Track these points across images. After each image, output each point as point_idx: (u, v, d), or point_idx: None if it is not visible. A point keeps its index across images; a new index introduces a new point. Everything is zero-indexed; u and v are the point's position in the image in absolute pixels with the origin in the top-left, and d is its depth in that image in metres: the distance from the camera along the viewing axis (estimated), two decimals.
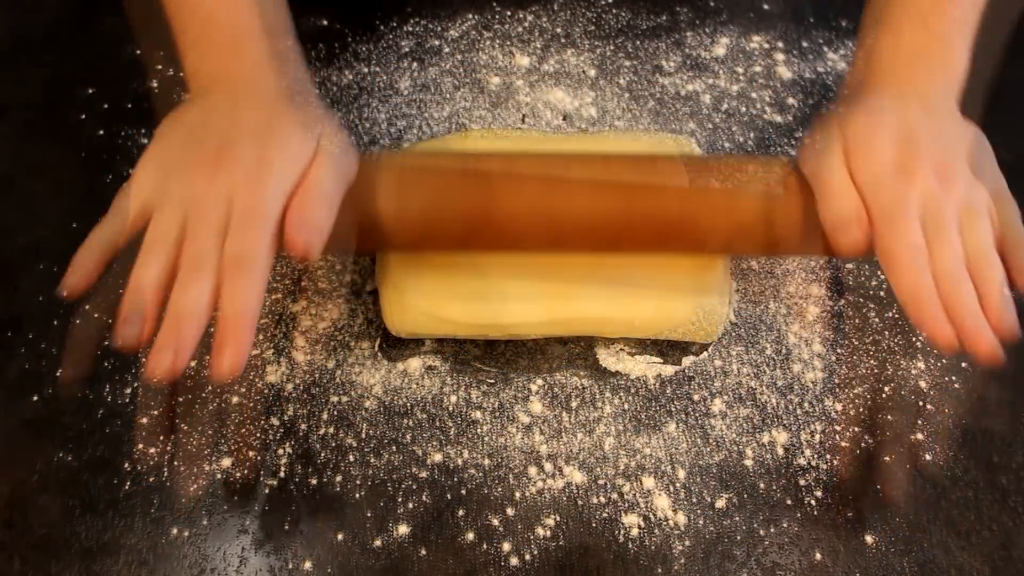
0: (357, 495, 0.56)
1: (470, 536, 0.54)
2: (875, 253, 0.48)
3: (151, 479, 0.56)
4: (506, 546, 0.54)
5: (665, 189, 0.53)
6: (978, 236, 0.47)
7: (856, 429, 0.59)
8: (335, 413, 0.59)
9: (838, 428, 0.59)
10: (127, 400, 0.59)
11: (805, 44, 0.77)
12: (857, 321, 0.63)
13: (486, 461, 0.57)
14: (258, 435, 0.58)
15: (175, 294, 0.43)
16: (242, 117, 0.47)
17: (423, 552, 0.54)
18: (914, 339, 0.62)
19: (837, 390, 0.60)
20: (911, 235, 0.46)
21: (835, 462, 0.57)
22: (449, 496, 0.56)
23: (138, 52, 0.76)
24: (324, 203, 0.47)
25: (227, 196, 0.45)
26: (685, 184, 0.53)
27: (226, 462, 0.57)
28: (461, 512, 0.55)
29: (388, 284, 0.58)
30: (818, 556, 0.54)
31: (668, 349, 0.62)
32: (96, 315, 0.48)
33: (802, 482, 0.57)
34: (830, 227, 0.49)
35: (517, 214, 0.53)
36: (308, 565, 0.53)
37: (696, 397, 0.60)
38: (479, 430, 0.58)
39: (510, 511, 0.55)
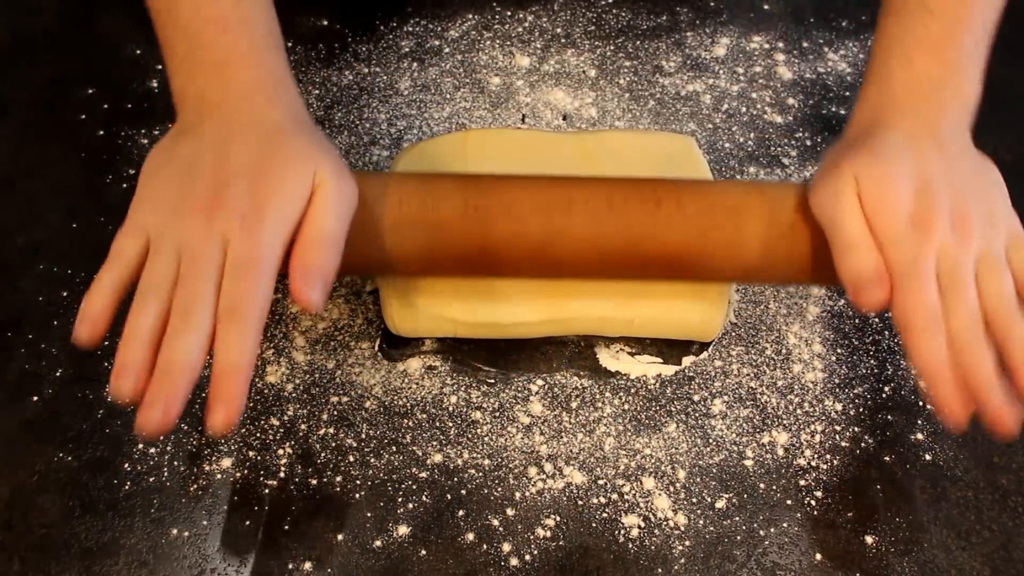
0: (357, 495, 0.56)
1: (470, 537, 0.54)
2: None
3: (151, 479, 0.56)
4: (506, 547, 0.54)
5: (668, 227, 0.53)
6: (998, 289, 0.45)
7: (856, 429, 0.59)
8: (335, 413, 0.59)
9: (838, 428, 0.59)
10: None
11: (805, 44, 0.77)
12: (857, 321, 0.63)
13: (486, 462, 0.57)
14: (258, 435, 0.58)
15: (165, 345, 0.41)
16: (233, 153, 0.45)
17: (423, 552, 0.54)
18: None
19: (837, 390, 0.60)
20: (926, 295, 0.44)
21: (835, 462, 0.57)
22: (449, 497, 0.56)
23: (138, 52, 0.76)
24: (327, 247, 0.45)
25: (222, 241, 0.43)
26: (689, 222, 0.53)
27: (226, 462, 0.57)
28: (461, 513, 0.55)
29: (388, 283, 0.58)
30: (818, 556, 0.54)
31: (668, 349, 0.62)
32: None
33: (802, 482, 0.57)
34: (852, 286, 0.47)
35: (517, 254, 0.53)
36: (308, 565, 0.53)
37: (696, 397, 0.60)
38: (479, 430, 0.58)
39: (510, 512, 0.55)
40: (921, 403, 0.60)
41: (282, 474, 0.56)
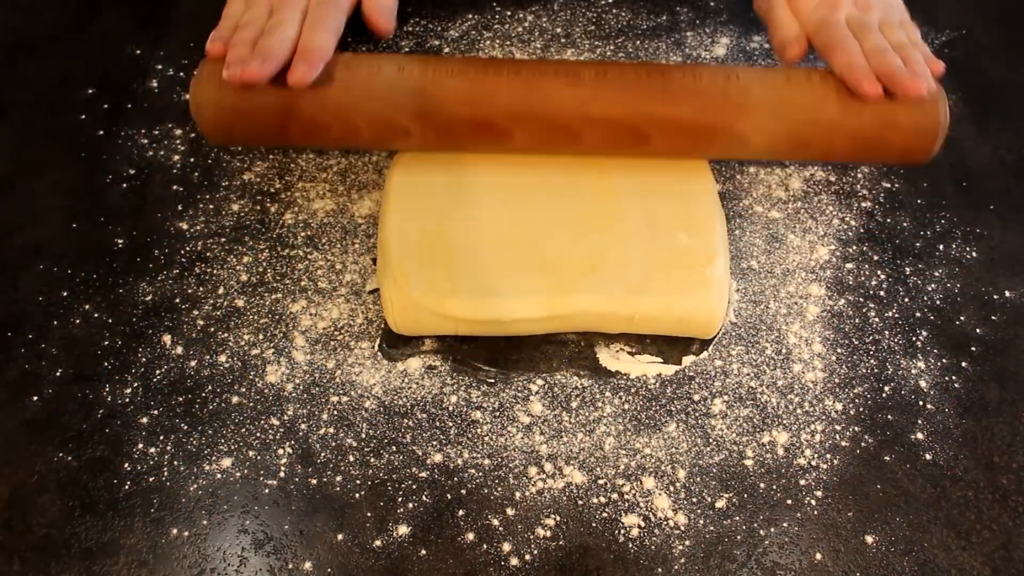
0: (357, 495, 0.56)
1: (470, 536, 0.54)
2: (816, 51, 0.62)
3: (151, 479, 0.56)
4: (506, 546, 0.54)
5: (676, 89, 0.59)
6: (897, 36, 0.60)
7: (856, 429, 0.59)
8: (335, 413, 0.59)
9: (838, 428, 0.59)
10: (127, 400, 0.59)
11: None
12: (857, 321, 0.63)
13: (486, 461, 0.57)
14: (258, 435, 0.58)
15: (262, 39, 0.58)
16: None
17: (423, 552, 0.54)
18: (914, 339, 0.62)
19: (837, 390, 0.60)
20: (842, 29, 0.60)
21: (835, 462, 0.57)
22: (449, 496, 0.56)
23: (138, 52, 0.76)
24: None
25: None
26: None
27: (226, 462, 0.57)
28: (461, 512, 0.55)
29: (389, 281, 0.58)
30: (818, 556, 0.54)
31: (668, 349, 0.62)
32: None
33: (802, 482, 0.57)
34: (779, 47, 0.65)
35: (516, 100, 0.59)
36: (308, 565, 0.53)
37: (696, 397, 0.60)
38: (479, 430, 0.58)
39: (510, 511, 0.55)
40: (921, 403, 0.60)
41: (282, 474, 0.56)
